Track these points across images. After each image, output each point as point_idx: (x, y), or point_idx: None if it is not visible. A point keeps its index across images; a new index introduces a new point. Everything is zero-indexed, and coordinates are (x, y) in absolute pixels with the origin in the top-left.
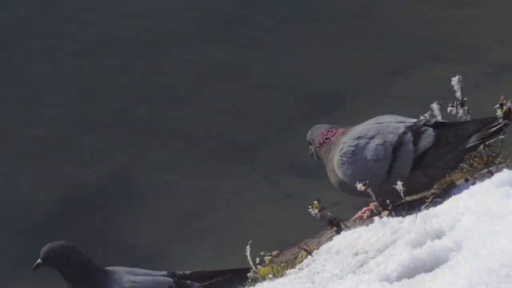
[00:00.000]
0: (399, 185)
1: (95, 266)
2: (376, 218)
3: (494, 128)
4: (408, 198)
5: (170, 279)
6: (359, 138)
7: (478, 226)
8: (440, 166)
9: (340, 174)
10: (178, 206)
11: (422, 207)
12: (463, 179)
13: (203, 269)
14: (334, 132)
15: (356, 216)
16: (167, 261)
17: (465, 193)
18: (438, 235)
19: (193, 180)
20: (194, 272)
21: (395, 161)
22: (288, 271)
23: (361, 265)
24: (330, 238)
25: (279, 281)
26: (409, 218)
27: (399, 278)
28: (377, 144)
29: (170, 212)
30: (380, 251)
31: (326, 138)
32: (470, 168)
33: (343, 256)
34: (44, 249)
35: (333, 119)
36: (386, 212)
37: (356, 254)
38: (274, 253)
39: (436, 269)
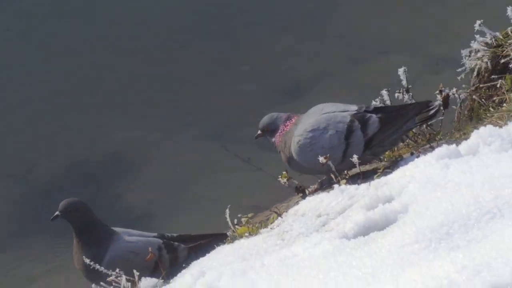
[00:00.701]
0: (354, 158)
1: (102, 224)
2: (336, 186)
3: (432, 111)
4: (362, 169)
5: (160, 240)
6: (313, 130)
7: (422, 192)
8: (385, 145)
9: (299, 160)
10: (166, 177)
11: (375, 176)
12: (409, 153)
13: (188, 232)
14: (289, 122)
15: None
16: (156, 223)
17: (410, 165)
18: (388, 199)
19: (178, 157)
20: (180, 235)
21: (349, 147)
22: (261, 230)
23: (323, 225)
24: (297, 203)
25: (254, 238)
26: (363, 186)
27: (355, 235)
28: (331, 135)
29: (159, 182)
30: (339, 213)
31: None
32: (415, 144)
33: (308, 218)
34: (63, 202)
35: (293, 104)
36: (344, 181)
37: (319, 216)
38: (249, 215)
39: (387, 228)
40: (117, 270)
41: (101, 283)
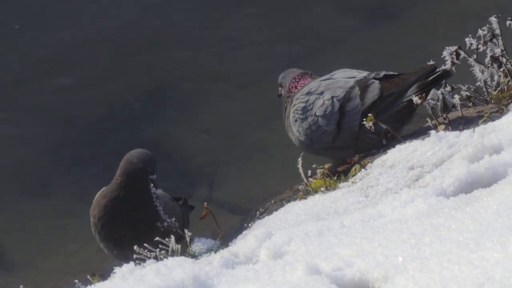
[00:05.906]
0: (456, 100)
1: None
2: (433, 132)
3: (432, 77)
4: (465, 112)
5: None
6: (309, 94)
7: None
8: (387, 120)
9: (295, 131)
10: (227, 122)
11: (480, 121)
12: None
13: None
14: (300, 82)
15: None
16: (217, 173)
17: None
18: (497, 150)
19: (240, 101)
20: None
21: (343, 117)
22: (341, 184)
23: (417, 179)
24: (385, 152)
25: (332, 194)
26: (466, 133)
27: (455, 192)
28: (325, 100)
29: (219, 126)
30: (436, 166)
31: (293, 87)
32: None
33: (398, 170)
34: (152, 161)
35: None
36: (443, 126)
37: (412, 168)
38: (326, 166)
39: (494, 185)
40: (173, 219)
41: (157, 238)
